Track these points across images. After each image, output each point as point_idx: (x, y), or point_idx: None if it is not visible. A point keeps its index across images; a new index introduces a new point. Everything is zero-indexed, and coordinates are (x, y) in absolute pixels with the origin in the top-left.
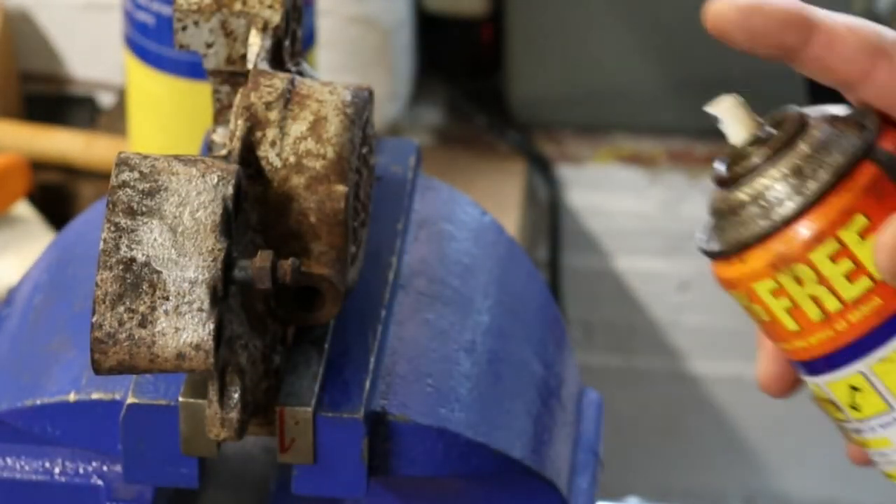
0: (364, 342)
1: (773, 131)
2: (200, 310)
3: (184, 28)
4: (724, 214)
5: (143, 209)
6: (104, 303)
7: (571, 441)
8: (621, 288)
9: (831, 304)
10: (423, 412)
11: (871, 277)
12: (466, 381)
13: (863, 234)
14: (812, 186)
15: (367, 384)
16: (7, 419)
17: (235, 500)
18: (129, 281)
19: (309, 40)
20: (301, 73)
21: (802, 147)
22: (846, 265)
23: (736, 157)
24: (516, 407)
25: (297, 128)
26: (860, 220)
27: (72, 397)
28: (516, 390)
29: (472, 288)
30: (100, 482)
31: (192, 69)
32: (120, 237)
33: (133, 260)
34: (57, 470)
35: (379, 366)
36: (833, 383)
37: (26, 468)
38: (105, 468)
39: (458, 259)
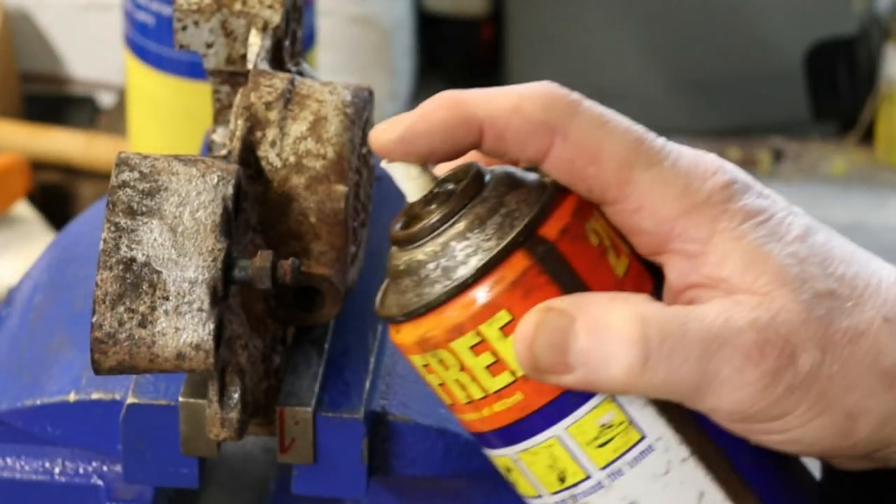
0: (364, 342)
1: (452, 187)
2: (200, 310)
3: (184, 28)
4: (390, 275)
5: (143, 209)
6: (104, 303)
7: None
8: None
9: (475, 392)
10: (423, 412)
11: (513, 373)
12: None
13: (505, 331)
14: (460, 274)
15: (367, 384)
16: (7, 419)
17: (235, 500)
18: (129, 281)
19: (309, 40)
20: (301, 73)
21: (460, 225)
22: (487, 358)
23: (411, 216)
24: None
25: (297, 128)
26: (503, 317)
27: (72, 397)
28: None
29: None
30: (100, 482)
31: (192, 69)
32: (120, 237)
33: (133, 260)
34: (57, 470)
35: (379, 366)
36: (490, 455)
37: (26, 468)
38: (105, 468)
39: None
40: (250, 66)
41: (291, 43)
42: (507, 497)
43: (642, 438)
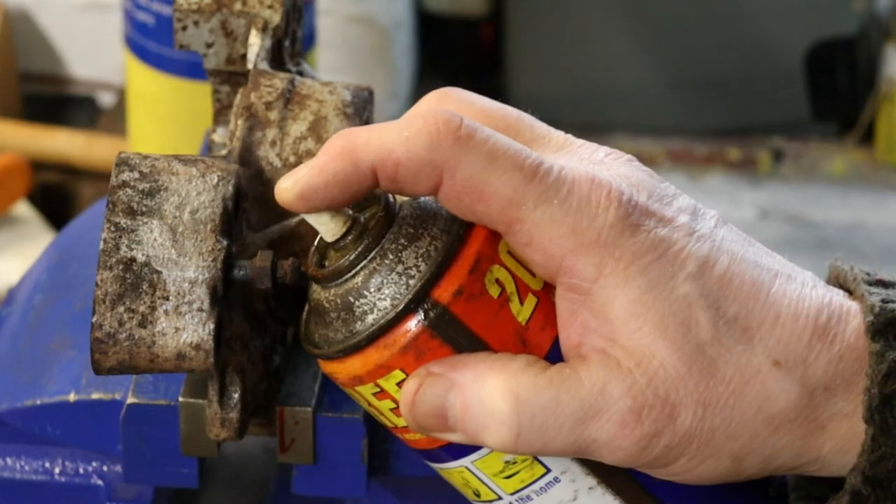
0: None
1: (363, 220)
2: (200, 310)
3: (184, 28)
4: (307, 313)
5: (143, 209)
6: (104, 303)
7: None
8: None
9: (387, 423)
10: None
11: None
12: None
13: (401, 385)
14: (357, 329)
15: None
16: (7, 419)
17: (235, 500)
18: (129, 281)
19: (309, 40)
20: (301, 73)
21: (358, 280)
22: (390, 403)
23: (322, 253)
24: None
25: (297, 128)
26: (398, 375)
27: (72, 397)
28: None
29: None
30: (100, 482)
31: (192, 69)
32: (120, 237)
33: (133, 260)
34: (57, 470)
35: None
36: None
37: (26, 468)
38: (105, 468)
39: None
40: (250, 66)
41: (291, 43)
42: None
43: (547, 472)
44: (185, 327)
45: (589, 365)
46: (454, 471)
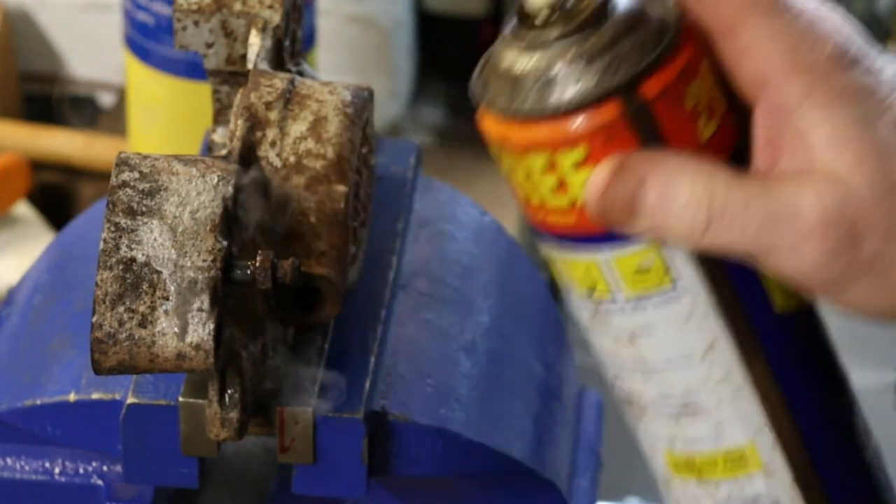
0: (364, 342)
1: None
2: (200, 310)
3: (184, 28)
4: (493, 62)
5: (143, 209)
6: (104, 303)
7: (571, 441)
8: None
9: (534, 202)
10: (423, 412)
11: (573, 201)
12: (466, 381)
13: (577, 165)
14: (554, 97)
15: (367, 384)
16: (7, 419)
17: (235, 500)
18: (129, 281)
19: (309, 40)
20: (301, 73)
21: (571, 51)
22: (553, 181)
23: (526, 18)
24: (516, 407)
25: (297, 128)
26: (579, 152)
27: (72, 397)
28: (516, 390)
29: (472, 288)
30: (100, 482)
31: (192, 69)
32: (120, 237)
33: (133, 260)
34: (57, 470)
35: (379, 366)
36: (538, 240)
37: (26, 468)
38: (105, 468)
39: (458, 259)
40: (250, 66)
41: (291, 43)
42: (507, 497)
43: (673, 287)
44: (185, 327)
45: (781, 178)
46: (581, 262)
